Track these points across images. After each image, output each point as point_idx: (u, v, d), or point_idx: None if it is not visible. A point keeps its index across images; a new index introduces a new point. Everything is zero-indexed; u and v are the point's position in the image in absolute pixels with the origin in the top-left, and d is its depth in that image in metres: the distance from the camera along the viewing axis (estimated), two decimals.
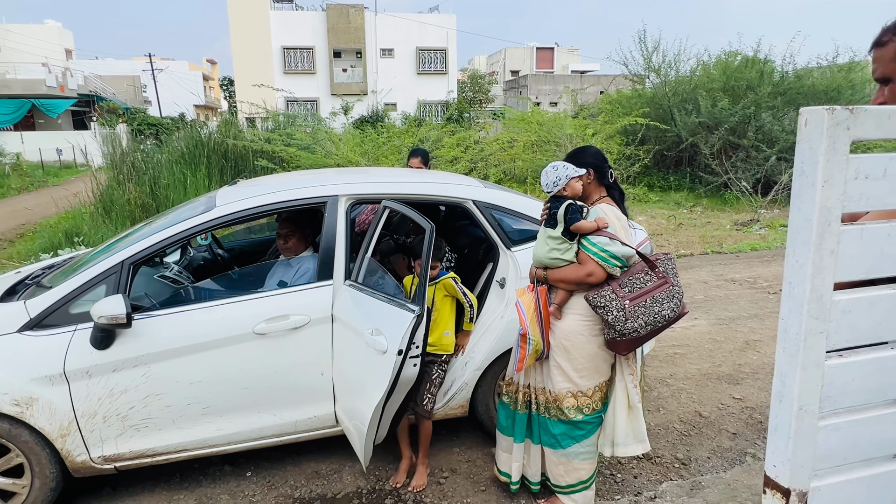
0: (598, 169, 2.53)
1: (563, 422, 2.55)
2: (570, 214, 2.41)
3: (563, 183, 2.45)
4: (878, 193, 0.76)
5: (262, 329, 2.74)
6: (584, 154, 2.56)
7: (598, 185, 2.56)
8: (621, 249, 2.36)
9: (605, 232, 2.39)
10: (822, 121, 0.71)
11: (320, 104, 30.62)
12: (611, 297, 2.33)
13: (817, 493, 0.83)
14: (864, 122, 0.72)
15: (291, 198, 2.97)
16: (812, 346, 0.77)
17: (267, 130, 14.84)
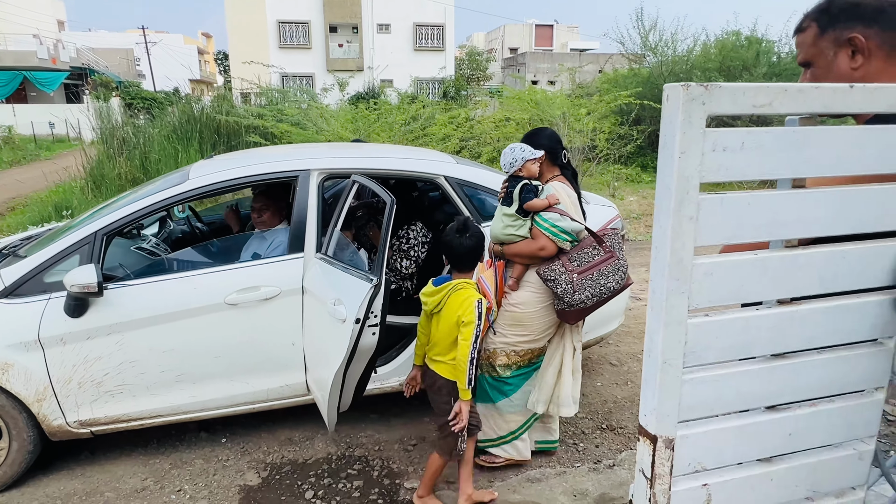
0: (551, 151, 2.68)
1: (494, 378, 2.73)
2: (524, 194, 2.55)
3: (518, 164, 2.60)
4: (737, 165, 0.82)
5: (234, 299, 2.81)
6: (539, 136, 2.71)
7: (552, 165, 2.72)
8: (571, 225, 2.50)
9: (556, 208, 2.53)
10: (679, 96, 0.77)
11: (316, 80, 30.33)
12: (560, 270, 2.49)
13: (684, 440, 0.91)
14: (718, 98, 0.78)
15: (263, 171, 3.02)
16: (674, 306, 0.83)
17: (260, 106, 14.78)
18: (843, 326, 0.95)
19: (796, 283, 0.90)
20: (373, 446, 3.12)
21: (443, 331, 2.42)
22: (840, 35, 1.20)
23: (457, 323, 2.34)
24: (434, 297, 2.42)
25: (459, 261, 2.44)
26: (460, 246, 2.41)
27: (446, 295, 2.38)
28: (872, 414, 1.03)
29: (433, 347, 2.49)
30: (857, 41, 1.18)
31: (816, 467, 1.01)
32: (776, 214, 0.86)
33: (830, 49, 1.21)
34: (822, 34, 1.23)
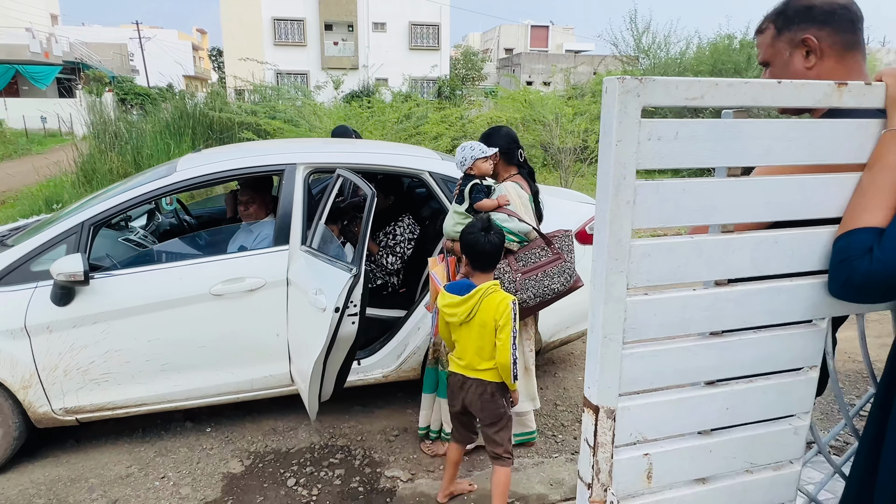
0: (507, 150, 2.73)
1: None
2: (474, 193, 2.62)
3: (469, 163, 2.65)
4: (671, 153, 0.88)
5: (219, 290, 2.86)
6: (495, 135, 2.76)
7: (507, 164, 2.78)
8: (518, 225, 2.56)
9: (505, 209, 2.59)
10: (615, 88, 0.83)
11: (310, 77, 30.29)
12: (505, 269, 2.58)
13: (625, 411, 0.97)
14: (652, 91, 0.84)
15: (250, 164, 3.07)
16: (613, 284, 0.89)
17: (254, 103, 14.79)
18: (777, 307, 1.01)
19: (730, 265, 0.96)
20: (355, 436, 3.18)
21: (477, 338, 2.30)
22: (795, 36, 1.26)
23: (493, 327, 2.25)
24: (462, 306, 2.28)
25: (482, 260, 2.35)
26: (487, 244, 2.31)
27: (478, 301, 2.26)
28: (807, 391, 1.09)
29: (465, 356, 2.36)
30: (810, 42, 1.24)
31: (753, 440, 1.08)
32: (710, 200, 0.93)
33: (786, 49, 1.27)
34: (778, 35, 1.29)
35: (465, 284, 2.36)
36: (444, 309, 2.33)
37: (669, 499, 1.04)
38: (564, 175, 11.81)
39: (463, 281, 2.40)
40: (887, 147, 0.97)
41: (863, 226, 0.95)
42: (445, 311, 2.33)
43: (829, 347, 1.09)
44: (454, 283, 2.41)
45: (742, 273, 0.98)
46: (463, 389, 2.40)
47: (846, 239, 0.97)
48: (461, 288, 2.34)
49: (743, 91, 0.89)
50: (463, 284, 2.36)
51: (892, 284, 0.92)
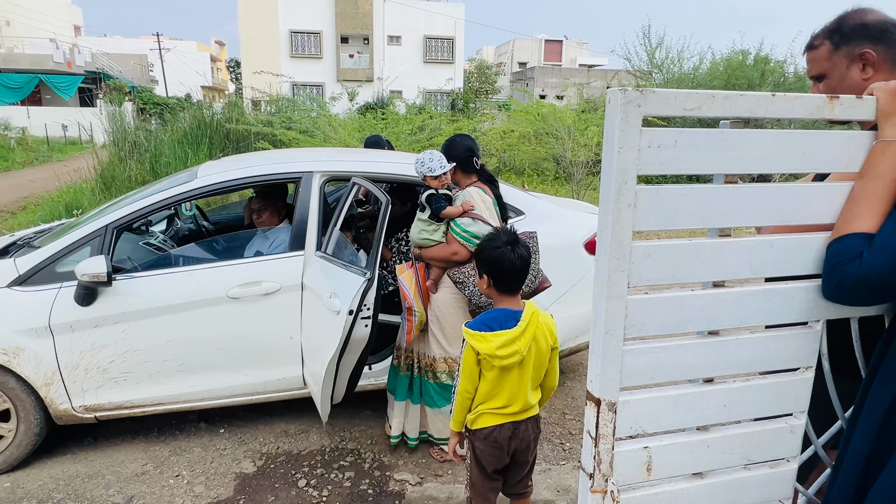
0: (463, 160, 2.81)
1: (438, 384, 2.86)
2: (434, 203, 2.70)
3: (419, 178, 2.78)
4: (671, 160, 0.93)
5: (236, 293, 2.94)
6: (452, 147, 2.86)
7: (466, 173, 2.85)
8: (483, 229, 2.62)
9: (470, 213, 2.68)
10: (618, 99, 0.89)
11: (326, 89, 30.69)
12: (469, 273, 2.66)
13: (626, 405, 1.02)
14: (652, 102, 0.90)
15: (268, 172, 3.16)
16: (615, 282, 0.95)
17: (270, 114, 15.04)
18: (773, 309, 1.06)
19: (727, 267, 1.02)
20: (365, 440, 3.23)
21: (534, 372, 2.00)
22: (852, 51, 1.36)
23: (548, 354, 2.00)
24: (522, 340, 1.89)
25: (511, 280, 1.98)
26: (517, 259, 1.95)
27: (534, 330, 1.93)
28: (803, 390, 1.14)
29: (517, 400, 1.98)
30: (869, 56, 1.34)
31: (750, 437, 1.12)
32: (708, 205, 0.98)
33: (844, 63, 1.37)
34: (836, 50, 1.39)
35: (499, 315, 1.97)
36: (498, 353, 1.86)
37: (668, 491, 1.08)
38: (576, 188, 11.86)
39: (493, 312, 2.01)
40: (878, 157, 1.02)
41: (854, 231, 1.00)
42: (500, 354, 1.87)
43: (824, 349, 1.14)
44: (482, 318, 1.98)
45: (739, 275, 1.03)
46: (515, 438, 2.01)
47: (838, 244, 1.02)
48: (500, 320, 1.94)
49: (738, 102, 0.94)
50: (497, 315, 1.97)
51: (881, 287, 0.97)
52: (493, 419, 2.01)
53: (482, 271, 2.02)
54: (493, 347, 1.89)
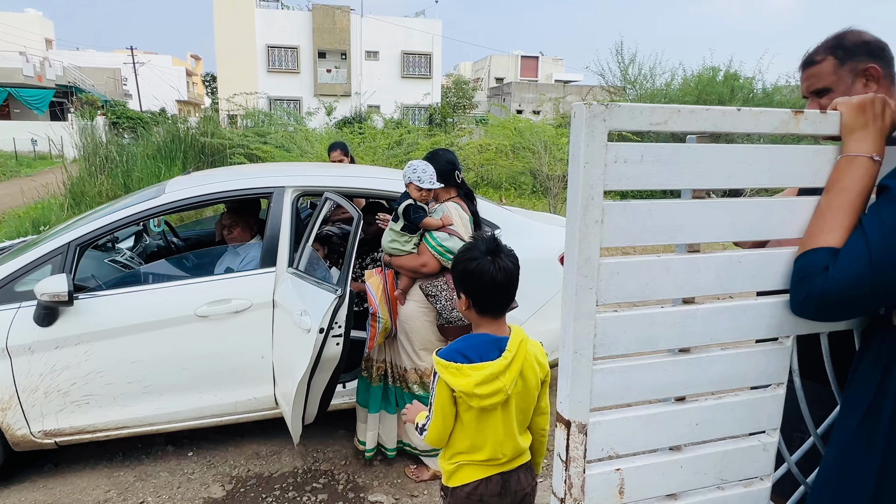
0: (445, 173, 2.81)
1: (411, 394, 2.82)
2: (413, 214, 2.69)
3: (405, 182, 2.74)
4: (637, 175, 0.92)
5: (204, 312, 2.86)
6: (434, 159, 2.84)
7: (446, 187, 2.85)
8: (458, 244, 2.59)
9: (447, 228, 2.68)
10: (583, 114, 0.87)
11: (303, 104, 30.60)
12: (442, 287, 2.66)
13: (597, 426, 0.99)
14: (618, 116, 0.88)
15: (239, 187, 3.10)
16: (583, 300, 0.92)
17: (246, 128, 14.93)
18: (743, 325, 1.05)
19: (696, 283, 1.00)
20: (339, 461, 3.15)
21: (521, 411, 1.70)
22: (857, 66, 1.41)
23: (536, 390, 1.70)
24: (508, 374, 1.56)
25: (494, 298, 1.63)
26: (499, 274, 1.59)
27: (520, 363, 1.60)
28: (775, 407, 1.12)
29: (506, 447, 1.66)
30: (874, 71, 1.40)
31: (723, 457, 1.10)
32: (676, 221, 0.96)
33: (849, 77, 1.42)
34: (841, 65, 1.44)
35: (478, 343, 1.62)
36: (477, 391, 1.52)
37: None
38: (553, 202, 11.94)
39: (471, 339, 1.65)
40: (842, 171, 1.02)
41: (820, 245, 0.99)
42: (480, 392, 1.52)
43: (794, 365, 1.13)
44: (457, 346, 1.62)
45: (708, 291, 1.01)
46: (506, 493, 1.69)
47: (805, 258, 1.01)
48: (480, 348, 1.60)
49: (704, 117, 0.93)
50: (476, 343, 1.62)
51: (847, 302, 0.96)
52: (475, 472, 1.66)
53: (459, 289, 1.67)
54: (472, 384, 1.51)
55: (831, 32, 1.48)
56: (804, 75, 1.52)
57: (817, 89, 1.49)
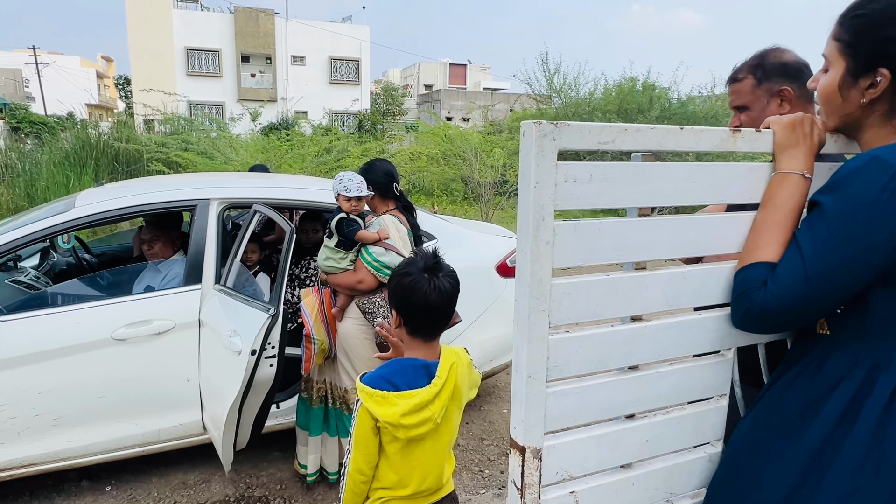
0: (382, 185, 2.73)
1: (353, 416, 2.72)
2: (346, 227, 2.59)
3: (334, 194, 2.64)
4: (587, 195, 0.91)
5: (122, 335, 2.65)
6: (370, 171, 2.76)
7: (384, 199, 2.77)
8: (395, 259, 2.52)
9: (383, 242, 2.59)
10: (532, 132, 0.85)
11: (226, 109, 29.54)
12: (380, 303, 2.56)
13: (551, 450, 0.97)
14: (568, 135, 0.87)
15: (158, 200, 2.91)
16: (536, 323, 0.90)
17: (165, 134, 14.19)
18: (688, 340, 1.06)
19: (644, 301, 1.00)
20: (274, 485, 3.00)
21: (449, 435, 1.59)
22: (773, 87, 1.50)
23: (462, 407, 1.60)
24: (432, 407, 1.46)
25: (423, 320, 1.54)
26: (433, 293, 1.50)
27: (451, 390, 1.50)
28: (719, 419, 1.15)
29: (428, 478, 1.56)
30: (788, 93, 1.48)
31: (672, 470, 1.11)
32: (623, 239, 0.96)
33: (765, 97, 1.51)
34: (759, 85, 1.52)
35: (406, 368, 1.52)
36: (403, 421, 1.42)
37: None
38: (485, 208, 12.09)
39: (398, 363, 1.55)
40: (776, 188, 1.05)
41: (758, 260, 1.02)
42: (407, 422, 1.42)
43: (735, 376, 1.16)
44: (383, 371, 1.52)
45: (656, 308, 1.02)
46: None
47: (744, 273, 1.03)
48: (408, 374, 1.50)
49: (649, 136, 0.94)
50: (404, 368, 1.52)
51: (785, 315, 0.99)
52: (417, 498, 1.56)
53: (392, 306, 1.58)
54: (398, 413, 1.41)
55: (757, 49, 1.57)
56: (729, 90, 1.61)
57: (737, 105, 1.57)
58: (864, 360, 0.98)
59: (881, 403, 0.94)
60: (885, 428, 0.93)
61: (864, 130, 1.05)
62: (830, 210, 0.96)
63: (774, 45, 1.54)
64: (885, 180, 0.91)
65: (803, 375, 1.04)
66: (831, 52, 1.05)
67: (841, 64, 1.03)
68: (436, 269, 1.54)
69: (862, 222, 0.92)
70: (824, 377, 1.01)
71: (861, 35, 1.00)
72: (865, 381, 0.96)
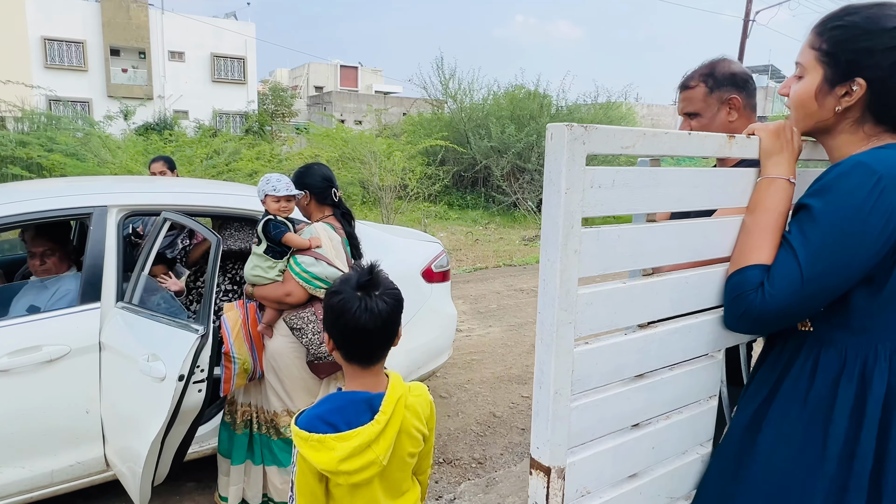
0: (319, 189, 2.55)
1: (283, 440, 2.51)
2: (273, 229, 2.39)
3: (260, 196, 2.46)
4: (609, 201, 0.88)
5: (4, 365, 2.27)
6: (307, 174, 2.58)
7: (320, 204, 2.58)
8: (326, 270, 2.36)
9: (312, 252, 2.39)
10: (563, 135, 0.81)
11: (94, 106, 26.96)
12: (310, 319, 2.38)
13: (573, 468, 0.93)
14: (595, 139, 0.84)
15: (43, 208, 2.52)
16: (563, 336, 0.86)
17: (23, 132, 12.61)
18: (689, 344, 1.07)
19: (654, 307, 1.00)
20: None
21: (396, 478, 1.43)
22: (723, 95, 1.57)
23: (419, 448, 1.44)
24: (376, 448, 1.30)
25: (358, 344, 1.38)
26: (364, 315, 1.33)
27: (398, 426, 1.34)
28: (709, 419, 1.17)
29: None
30: (736, 102, 1.56)
31: (672, 474, 1.12)
32: (640, 245, 0.95)
33: (716, 105, 1.58)
34: (711, 93, 1.58)
35: (346, 404, 1.36)
36: (342, 467, 1.26)
37: None
38: (385, 212, 11.98)
39: (337, 399, 1.39)
40: (763, 192, 1.09)
41: (753, 263, 1.05)
42: (346, 468, 1.27)
43: (723, 376, 1.19)
44: (320, 411, 1.35)
45: (664, 314, 1.01)
46: None
47: (739, 276, 1.06)
48: (348, 412, 1.33)
49: (664, 141, 0.93)
50: (343, 405, 1.35)
51: (782, 315, 1.02)
52: None
53: (325, 327, 1.42)
54: (336, 460, 1.25)
55: (706, 59, 1.64)
56: (680, 96, 1.67)
57: (689, 112, 1.64)
58: (853, 356, 1.04)
59: (880, 401, 1.00)
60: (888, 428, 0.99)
61: (836, 136, 1.12)
62: (821, 214, 1.00)
63: (722, 56, 1.63)
64: (871, 186, 0.97)
65: (802, 377, 1.08)
66: (808, 61, 1.11)
67: (818, 72, 1.09)
68: (369, 287, 1.37)
69: (851, 226, 0.98)
70: (823, 377, 1.05)
71: (840, 45, 1.06)
72: (861, 379, 1.02)
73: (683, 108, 1.65)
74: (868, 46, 1.03)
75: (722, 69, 1.59)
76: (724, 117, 1.58)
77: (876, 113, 1.07)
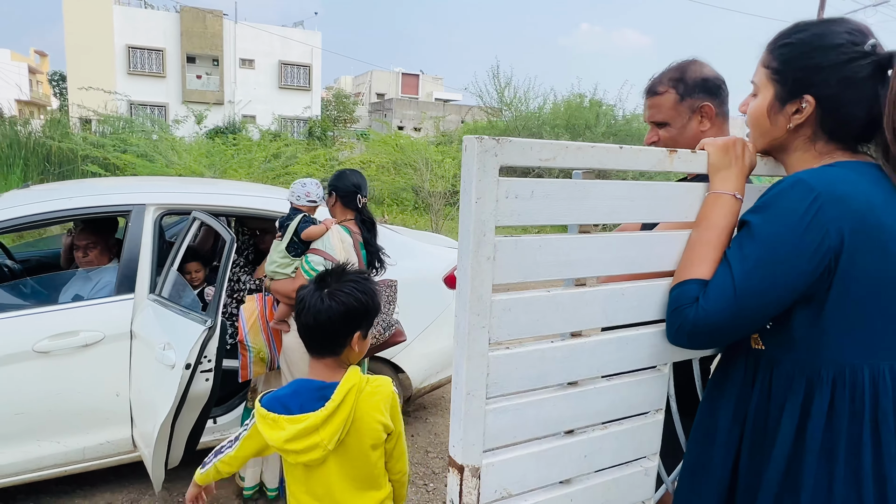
0: (345, 194, 2.70)
1: None
2: (300, 223, 2.52)
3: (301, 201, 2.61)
4: (528, 211, 0.91)
5: (45, 347, 2.49)
6: (340, 177, 2.74)
7: (344, 208, 2.73)
8: None
9: (324, 252, 2.51)
10: (474, 147, 0.85)
11: (169, 110, 28.54)
12: None
13: (490, 468, 0.96)
14: (509, 151, 0.87)
15: (88, 205, 2.76)
16: (476, 339, 0.89)
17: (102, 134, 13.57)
18: (626, 356, 1.08)
19: (584, 317, 1.01)
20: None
21: (353, 466, 1.47)
22: (694, 103, 1.46)
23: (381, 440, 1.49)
24: (320, 433, 1.37)
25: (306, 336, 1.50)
26: (310, 311, 1.45)
27: (351, 411, 1.40)
28: (654, 433, 1.17)
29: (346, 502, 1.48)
30: (708, 109, 1.46)
31: (610, 485, 1.12)
32: (564, 256, 0.97)
33: (686, 114, 1.47)
34: (681, 101, 1.47)
35: (301, 390, 1.46)
36: (287, 446, 1.38)
37: None
38: (435, 218, 12.11)
39: (295, 385, 1.51)
40: (710, 207, 1.08)
41: (691, 277, 1.05)
42: (291, 448, 1.38)
43: (671, 391, 1.18)
44: (280, 393, 1.47)
45: (595, 324, 1.03)
46: None
47: (678, 289, 1.06)
48: (302, 397, 1.43)
49: (590, 154, 0.95)
50: (299, 390, 1.47)
51: (716, 331, 1.02)
52: None
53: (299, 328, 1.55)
54: (283, 439, 1.36)
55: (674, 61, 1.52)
56: (647, 103, 1.55)
57: (657, 121, 1.53)
58: (799, 377, 1.02)
59: (821, 423, 0.98)
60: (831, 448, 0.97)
61: (790, 153, 1.10)
62: (758, 230, 0.99)
63: (693, 58, 1.51)
64: (808, 204, 0.95)
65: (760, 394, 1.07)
66: (760, 79, 1.10)
67: (770, 90, 1.08)
68: (328, 285, 1.48)
69: (786, 243, 0.96)
70: (776, 398, 1.04)
71: (788, 63, 1.05)
72: (805, 400, 1.00)
73: (651, 116, 1.53)
74: (816, 63, 1.02)
75: (693, 73, 1.47)
76: (695, 126, 1.46)
77: (828, 130, 1.05)
